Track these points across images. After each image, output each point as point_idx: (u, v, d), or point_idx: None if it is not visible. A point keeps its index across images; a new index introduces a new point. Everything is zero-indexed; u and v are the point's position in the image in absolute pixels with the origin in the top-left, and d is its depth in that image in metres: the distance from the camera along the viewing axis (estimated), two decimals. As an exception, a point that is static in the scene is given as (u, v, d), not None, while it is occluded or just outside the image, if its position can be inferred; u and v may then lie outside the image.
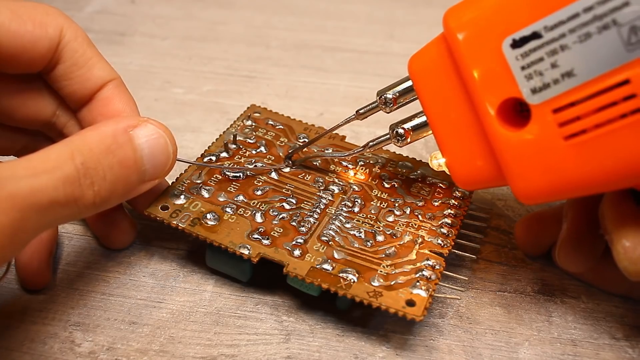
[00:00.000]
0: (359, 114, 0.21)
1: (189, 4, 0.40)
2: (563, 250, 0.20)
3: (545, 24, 0.15)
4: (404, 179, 0.23)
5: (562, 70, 0.15)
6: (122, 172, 0.17)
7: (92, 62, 0.19)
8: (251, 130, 0.24)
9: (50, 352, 0.19)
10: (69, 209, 0.15)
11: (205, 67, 0.34)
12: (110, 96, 0.20)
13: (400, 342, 0.20)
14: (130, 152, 0.17)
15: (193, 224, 0.20)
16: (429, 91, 0.18)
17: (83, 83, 0.19)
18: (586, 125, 0.15)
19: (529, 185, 0.17)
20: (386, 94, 0.20)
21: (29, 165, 0.15)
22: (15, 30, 0.17)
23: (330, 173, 0.23)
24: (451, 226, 0.21)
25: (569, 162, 0.16)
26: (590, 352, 0.19)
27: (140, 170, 0.17)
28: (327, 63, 0.34)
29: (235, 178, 0.22)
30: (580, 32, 0.15)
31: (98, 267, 0.21)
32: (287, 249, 0.19)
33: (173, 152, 0.18)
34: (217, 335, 0.19)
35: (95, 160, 0.16)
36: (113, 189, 0.17)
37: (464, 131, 0.18)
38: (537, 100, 0.16)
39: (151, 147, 0.17)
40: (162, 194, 0.21)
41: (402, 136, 0.20)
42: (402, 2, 0.41)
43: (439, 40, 0.18)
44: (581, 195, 0.17)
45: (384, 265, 0.19)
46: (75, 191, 0.15)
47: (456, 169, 0.19)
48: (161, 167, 0.18)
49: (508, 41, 0.16)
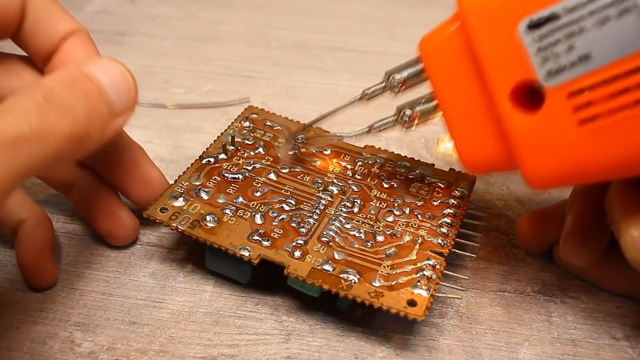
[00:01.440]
0: (364, 94, 0.21)
1: (189, 4, 0.40)
2: (568, 242, 0.20)
3: (565, 6, 0.15)
4: (402, 179, 0.23)
5: (579, 53, 0.15)
6: (90, 103, 0.16)
7: (55, 16, 0.19)
8: (249, 132, 0.24)
9: (50, 352, 0.19)
10: (42, 144, 0.15)
11: (205, 67, 0.34)
12: (73, 47, 0.19)
13: (400, 342, 0.20)
14: (90, 83, 0.16)
15: (192, 226, 0.20)
16: (440, 73, 0.18)
17: (47, 38, 0.19)
18: (600, 111, 0.15)
19: (540, 170, 0.16)
20: (395, 74, 0.20)
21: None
22: None
23: (328, 174, 0.23)
24: (451, 226, 0.21)
25: (582, 147, 0.15)
26: (590, 352, 0.19)
27: (107, 99, 0.17)
28: (327, 63, 0.34)
29: (234, 179, 0.22)
30: (600, 15, 0.15)
31: (98, 267, 0.22)
32: (287, 250, 0.19)
33: (132, 79, 0.18)
34: (217, 335, 0.19)
35: (57, 93, 0.15)
36: (88, 119, 0.16)
37: (474, 114, 0.18)
38: (552, 83, 0.16)
39: (109, 78, 0.17)
40: (161, 196, 0.21)
41: (410, 118, 0.20)
42: (402, 2, 0.41)
43: (452, 20, 0.18)
44: (591, 182, 0.17)
45: (384, 265, 0.19)
46: (43, 123, 0.15)
47: (465, 152, 0.18)
48: (125, 96, 0.17)
49: (525, 22, 0.16)
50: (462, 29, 0.17)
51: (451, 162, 0.23)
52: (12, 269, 0.21)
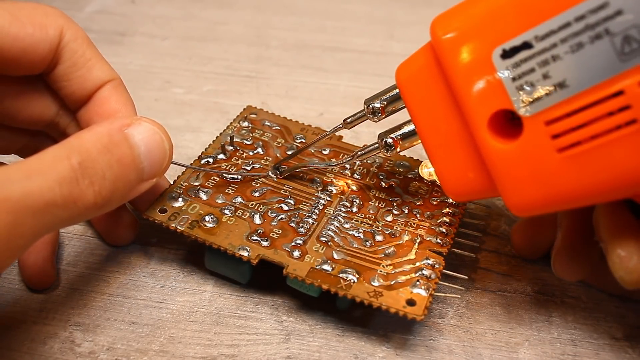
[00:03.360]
0: (346, 123, 0.21)
1: (189, 4, 0.40)
2: (558, 260, 0.19)
3: (536, 34, 0.15)
4: (401, 179, 0.23)
5: (554, 81, 0.15)
6: (121, 170, 0.17)
7: (91, 63, 0.19)
8: (248, 132, 0.24)
9: (50, 352, 0.19)
10: (68, 210, 0.15)
11: (205, 67, 0.34)
12: (108, 96, 0.20)
13: (400, 342, 0.20)
14: (127, 150, 0.17)
15: (192, 227, 0.20)
16: (417, 101, 0.18)
17: (82, 84, 0.19)
18: (580, 137, 0.15)
19: (522, 197, 0.16)
20: (373, 103, 0.19)
21: (23, 168, 0.15)
22: (16, 34, 0.17)
23: (327, 174, 0.23)
24: (450, 225, 0.21)
25: (563, 174, 0.15)
26: (590, 352, 0.19)
27: (139, 168, 0.17)
28: (327, 63, 0.34)
29: (233, 180, 0.22)
30: (572, 42, 0.14)
31: (98, 267, 0.22)
32: (286, 250, 0.19)
33: (169, 148, 0.18)
34: (217, 335, 0.19)
35: (92, 159, 0.16)
36: (114, 188, 0.16)
37: (454, 142, 0.17)
38: (530, 112, 0.15)
39: (147, 144, 0.17)
40: (160, 196, 0.21)
41: (391, 146, 0.19)
42: (402, 2, 0.41)
43: (427, 48, 0.17)
44: (575, 207, 0.17)
45: (383, 265, 0.19)
46: (73, 192, 0.15)
47: (447, 180, 0.18)
48: (158, 164, 0.18)
49: (498, 51, 0.15)
50: (437, 57, 0.17)
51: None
52: (12, 269, 0.21)
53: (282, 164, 0.22)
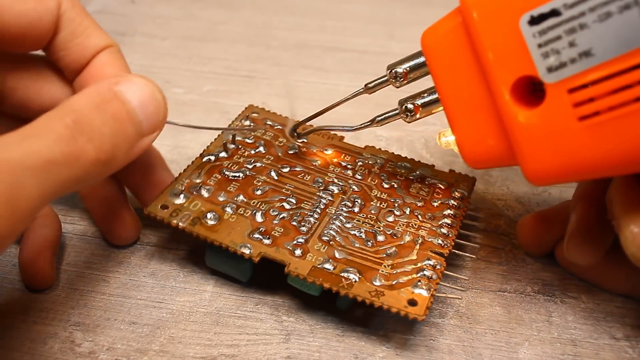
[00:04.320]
0: (367, 87, 0.21)
1: (189, 4, 0.40)
2: (572, 242, 0.20)
3: (565, 2, 0.15)
4: (403, 180, 0.23)
5: (580, 49, 0.15)
6: (118, 125, 0.16)
7: (89, 31, 0.19)
8: (249, 131, 0.24)
9: (51, 352, 0.19)
10: (71, 168, 0.15)
11: (205, 67, 0.34)
12: (104, 62, 0.20)
13: (400, 342, 0.20)
14: (120, 105, 0.17)
15: (193, 224, 0.20)
16: (442, 67, 0.18)
17: (81, 52, 0.19)
18: (601, 107, 0.15)
19: (540, 165, 0.16)
20: (397, 68, 0.20)
21: (19, 133, 0.15)
22: (19, 10, 0.17)
23: (329, 173, 0.23)
24: (451, 226, 0.21)
25: (582, 143, 0.15)
26: (590, 352, 0.19)
27: (135, 121, 0.17)
28: (327, 63, 0.34)
29: (234, 178, 0.22)
30: (601, 11, 0.14)
31: (98, 267, 0.21)
32: (288, 248, 0.19)
33: (162, 99, 0.18)
34: (217, 335, 0.19)
35: (86, 117, 0.16)
36: (114, 143, 0.16)
37: (476, 109, 0.18)
38: (553, 79, 0.16)
39: (139, 98, 0.17)
40: (162, 193, 0.21)
41: (412, 111, 0.20)
42: (402, 2, 0.41)
43: (454, 14, 0.18)
44: (591, 178, 0.17)
45: (385, 265, 0.19)
46: (72, 149, 0.15)
47: (466, 147, 0.18)
48: (155, 116, 0.18)
49: (526, 17, 0.16)
50: (464, 23, 0.17)
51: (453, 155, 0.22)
52: (12, 269, 0.21)
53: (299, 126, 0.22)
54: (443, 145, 0.20)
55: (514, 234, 0.24)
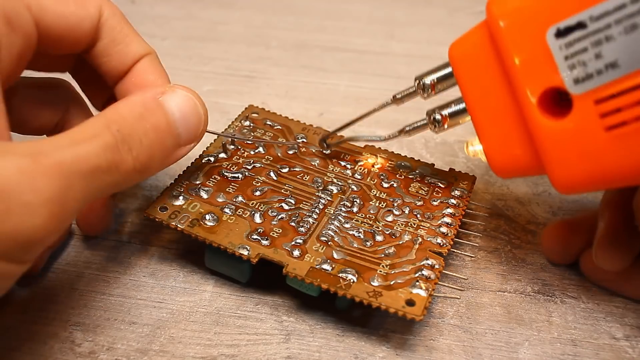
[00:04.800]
0: (395, 99, 0.21)
1: (189, 4, 0.40)
2: (601, 248, 0.20)
3: (591, 14, 0.15)
4: (402, 179, 0.23)
5: (606, 61, 0.15)
6: (157, 136, 0.17)
7: (129, 38, 0.20)
8: (249, 131, 0.24)
9: (50, 352, 0.19)
10: (111, 175, 0.16)
11: (205, 67, 0.34)
12: (144, 69, 0.20)
13: (400, 342, 0.20)
14: (162, 116, 0.17)
15: (192, 225, 0.20)
16: (469, 78, 0.18)
17: (121, 59, 0.20)
18: (628, 117, 0.15)
19: (568, 175, 0.17)
20: (424, 79, 0.20)
21: (70, 137, 0.15)
22: (61, 12, 0.18)
23: (328, 173, 0.23)
24: (450, 225, 0.21)
25: (609, 153, 0.16)
26: (590, 352, 0.19)
27: (174, 133, 0.18)
28: (327, 63, 0.34)
29: (233, 179, 0.22)
30: (627, 24, 0.15)
31: (98, 267, 0.22)
32: (286, 249, 0.19)
33: (204, 114, 0.19)
34: (217, 335, 0.19)
35: (129, 127, 0.16)
36: (151, 153, 0.17)
37: (503, 119, 0.18)
38: (580, 91, 0.16)
39: (181, 110, 0.18)
40: (161, 195, 0.21)
41: (440, 122, 0.20)
42: (402, 2, 0.41)
43: (481, 27, 0.18)
44: (618, 187, 0.17)
45: (383, 265, 0.19)
46: (115, 157, 0.16)
47: (494, 157, 0.19)
48: (194, 129, 0.19)
49: (552, 30, 0.16)
50: (491, 36, 0.17)
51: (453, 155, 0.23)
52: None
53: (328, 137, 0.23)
54: (471, 154, 0.20)
55: (514, 233, 0.24)
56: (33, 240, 0.14)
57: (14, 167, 0.14)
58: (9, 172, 0.14)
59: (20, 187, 0.14)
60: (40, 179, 0.14)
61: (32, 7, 0.17)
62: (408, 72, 0.33)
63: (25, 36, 0.17)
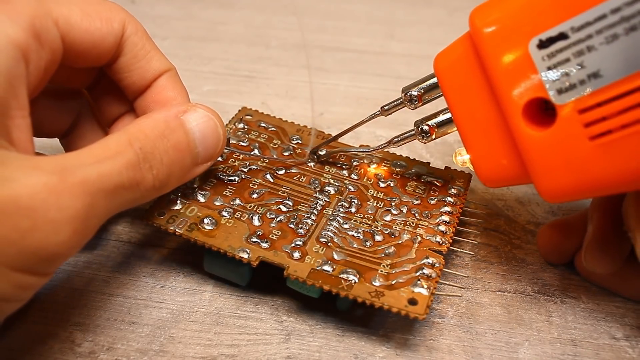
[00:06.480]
0: (383, 110, 0.21)
1: (189, 4, 0.40)
2: (590, 252, 0.20)
3: (572, 25, 0.15)
4: (399, 178, 0.23)
5: (588, 71, 0.15)
6: (177, 155, 0.18)
7: (150, 55, 0.20)
8: (244, 133, 0.24)
9: (50, 352, 0.19)
10: (132, 192, 0.16)
11: (205, 67, 0.34)
12: (165, 85, 0.21)
13: (400, 342, 0.20)
14: (183, 135, 0.18)
15: (190, 229, 0.20)
16: (454, 89, 0.19)
17: (142, 74, 0.20)
18: (612, 126, 0.15)
19: (554, 184, 0.17)
20: (411, 91, 0.20)
21: (93, 154, 0.16)
22: (87, 28, 0.18)
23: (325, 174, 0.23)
24: (448, 224, 0.21)
25: (594, 162, 0.16)
26: (590, 352, 0.19)
27: (193, 152, 0.18)
28: (327, 63, 0.34)
29: (230, 182, 0.22)
30: (608, 34, 0.15)
31: (98, 268, 0.22)
32: (286, 251, 0.19)
33: (223, 134, 0.19)
34: (217, 335, 0.19)
35: (151, 145, 0.17)
36: (170, 172, 0.17)
37: (489, 129, 0.18)
38: (564, 101, 0.16)
39: (201, 130, 0.18)
40: (158, 199, 0.21)
41: (427, 133, 0.20)
42: (402, 2, 0.41)
43: (465, 38, 0.18)
44: (605, 195, 0.17)
45: (384, 264, 0.19)
46: (136, 175, 0.16)
47: (481, 167, 0.19)
48: (212, 149, 0.19)
49: (534, 41, 0.16)
50: (475, 47, 0.17)
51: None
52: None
53: (319, 149, 0.23)
54: (459, 164, 0.20)
55: (514, 233, 0.24)
56: (56, 255, 0.15)
57: (40, 184, 0.14)
58: (35, 189, 0.14)
59: (47, 205, 0.14)
60: (65, 196, 0.14)
61: (60, 22, 0.17)
62: (408, 72, 0.33)
63: (52, 51, 0.17)
